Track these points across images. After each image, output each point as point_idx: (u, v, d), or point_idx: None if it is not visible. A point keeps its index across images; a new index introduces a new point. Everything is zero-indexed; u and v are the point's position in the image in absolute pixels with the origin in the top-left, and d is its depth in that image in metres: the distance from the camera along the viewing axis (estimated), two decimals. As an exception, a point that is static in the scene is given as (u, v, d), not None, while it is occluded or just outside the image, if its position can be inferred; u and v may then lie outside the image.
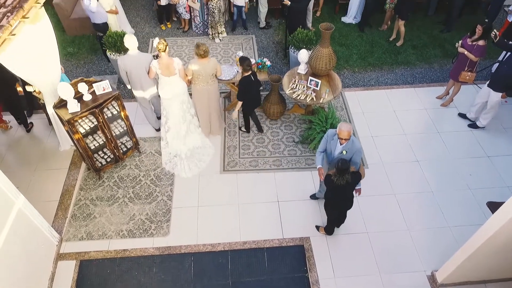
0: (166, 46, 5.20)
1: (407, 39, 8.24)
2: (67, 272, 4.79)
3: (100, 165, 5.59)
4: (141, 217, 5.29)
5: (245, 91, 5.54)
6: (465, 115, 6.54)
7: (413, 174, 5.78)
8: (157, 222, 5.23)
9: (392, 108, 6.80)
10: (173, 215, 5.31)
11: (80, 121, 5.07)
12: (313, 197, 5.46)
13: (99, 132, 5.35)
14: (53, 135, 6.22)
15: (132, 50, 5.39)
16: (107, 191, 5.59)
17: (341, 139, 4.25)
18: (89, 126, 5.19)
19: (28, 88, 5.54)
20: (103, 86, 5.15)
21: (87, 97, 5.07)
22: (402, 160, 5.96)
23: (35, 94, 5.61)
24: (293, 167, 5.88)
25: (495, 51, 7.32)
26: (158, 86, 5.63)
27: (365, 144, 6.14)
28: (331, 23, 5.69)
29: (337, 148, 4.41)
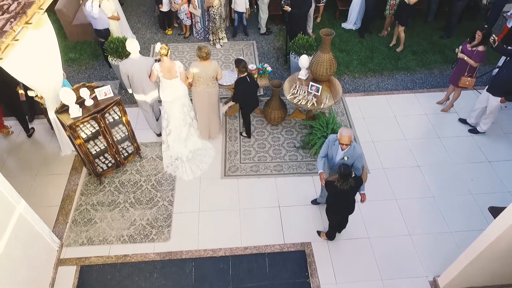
0: (168, 50, 5.27)
1: (407, 45, 8.28)
2: (68, 278, 4.77)
3: (101, 170, 5.59)
4: (142, 222, 5.28)
5: (241, 92, 5.56)
6: (466, 121, 6.55)
7: (414, 179, 5.78)
8: (158, 227, 5.22)
9: (393, 114, 6.82)
10: (174, 220, 5.30)
11: (82, 126, 5.08)
12: (314, 202, 5.46)
13: (101, 137, 5.36)
14: (54, 140, 6.23)
15: (134, 54, 5.44)
16: (108, 196, 5.58)
17: (342, 145, 4.25)
18: (91, 131, 5.20)
19: (30, 93, 5.55)
20: (105, 91, 5.17)
21: (89, 102, 5.08)
22: (403, 165, 5.96)
23: (37, 99, 5.62)
24: (294, 172, 5.88)
25: (495, 57, 7.35)
26: (160, 89, 5.68)
27: (366, 149, 6.15)
28: (332, 29, 5.73)
29: (339, 154, 4.41)
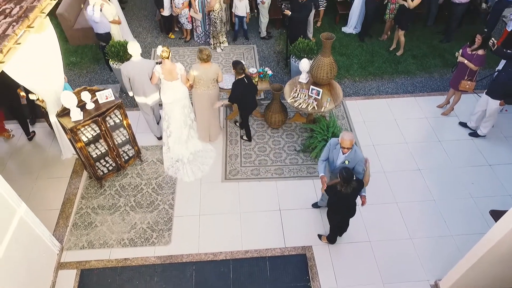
0: (169, 53, 5.34)
1: (407, 49, 8.31)
2: (68, 282, 4.75)
3: (102, 174, 5.59)
4: (143, 226, 5.27)
5: (240, 94, 5.58)
6: (466, 124, 6.56)
7: (415, 183, 5.77)
8: (159, 231, 5.21)
9: (393, 117, 6.82)
10: (175, 224, 5.29)
11: (83, 130, 5.09)
12: (315, 206, 5.45)
13: (101, 141, 5.36)
14: (55, 144, 6.23)
15: (135, 57, 5.47)
16: (109, 200, 5.58)
17: (344, 148, 4.25)
18: (92, 135, 5.20)
19: (32, 97, 5.57)
20: (106, 95, 5.18)
21: (90, 106, 5.09)
22: (404, 169, 5.96)
23: (38, 103, 5.64)
24: (295, 176, 5.87)
25: (495, 61, 7.37)
26: (160, 91, 5.72)
27: (367, 153, 6.15)
28: (332, 33, 5.76)
29: (340, 158, 4.41)
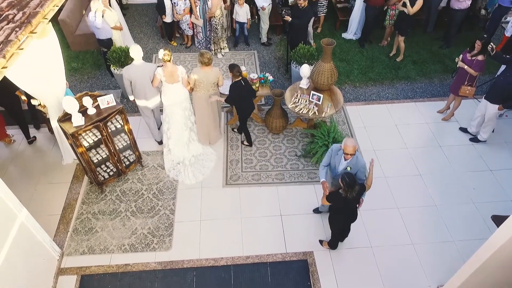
0: (171, 56, 5.39)
1: (407, 55, 8.35)
2: (68, 287, 4.72)
3: (103, 179, 5.59)
4: (143, 231, 5.25)
5: (235, 95, 5.62)
6: (466, 129, 6.57)
7: (416, 188, 5.77)
8: (159, 236, 5.20)
9: (394, 122, 6.84)
10: (176, 229, 5.28)
11: (84, 135, 5.09)
12: (316, 211, 5.44)
13: (103, 146, 5.37)
14: (56, 149, 6.24)
15: (137, 60, 5.51)
16: (109, 205, 5.57)
17: (346, 155, 4.23)
18: (93, 140, 5.21)
19: (33, 102, 5.58)
20: (107, 100, 5.20)
21: (91, 111, 5.11)
22: (405, 174, 5.96)
23: (40, 108, 5.65)
24: (296, 181, 5.87)
25: (494, 66, 7.39)
26: (161, 93, 5.77)
27: (368, 158, 6.11)
28: (332, 39, 5.79)
29: (342, 164, 4.40)
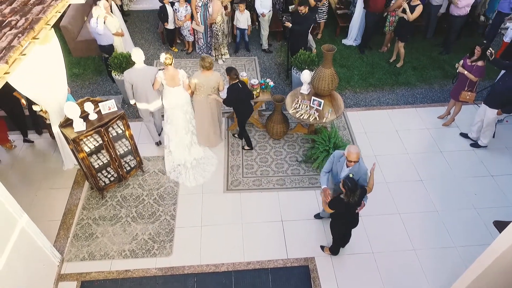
0: (172, 60, 5.45)
1: (407, 61, 8.38)
2: (68, 293, 4.71)
3: (104, 184, 5.58)
4: (144, 237, 5.24)
5: (233, 98, 5.67)
6: (467, 135, 6.57)
7: (417, 193, 5.76)
8: (160, 242, 5.18)
9: (394, 128, 6.85)
10: (176, 235, 5.26)
11: (85, 140, 5.10)
12: (317, 217, 5.42)
13: (104, 151, 5.37)
14: (57, 154, 6.24)
15: (139, 64, 5.55)
16: (110, 211, 5.56)
17: (350, 162, 4.20)
18: (94, 145, 5.21)
19: (35, 108, 5.60)
20: (109, 106, 5.21)
21: (93, 116, 5.12)
22: (406, 179, 5.95)
23: (41, 114, 5.66)
24: (297, 186, 5.86)
25: (494, 72, 7.42)
26: (162, 96, 5.81)
27: (368, 164, 6.13)
28: (333, 45, 5.82)
29: (344, 170, 4.37)
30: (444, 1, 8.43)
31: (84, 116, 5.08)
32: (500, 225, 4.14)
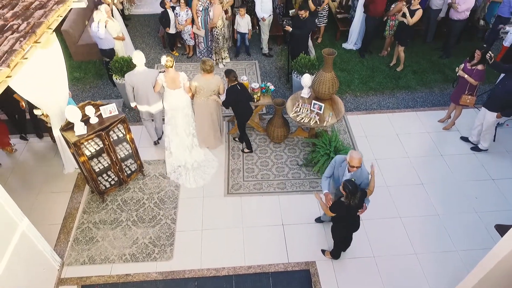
0: (173, 62, 5.50)
1: (407, 65, 8.41)
2: (68, 298, 4.69)
3: (104, 188, 5.58)
4: (144, 241, 5.22)
5: (232, 100, 5.70)
6: (467, 139, 6.58)
7: (418, 197, 5.75)
8: (161, 246, 5.16)
9: (395, 132, 6.85)
10: (177, 239, 5.25)
11: (86, 144, 5.10)
12: (318, 220, 5.41)
13: (104, 155, 5.37)
14: (57, 158, 6.23)
15: (140, 66, 5.58)
16: (111, 214, 5.55)
17: (352, 167, 4.16)
18: (95, 149, 5.21)
19: (36, 112, 5.60)
20: (110, 109, 5.22)
21: (94, 120, 5.12)
22: (407, 183, 5.95)
23: (43, 118, 5.67)
24: (298, 190, 5.86)
25: (494, 76, 7.44)
26: (163, 99, 5.84)
27: (369, 167, 6.13)
28: (333, 49, 5.84)
29: (346, 175, 4.35)
30: (444, 6, 8.46)
31: (85, 120, 5.08)
32: (502, 229, 4.13)
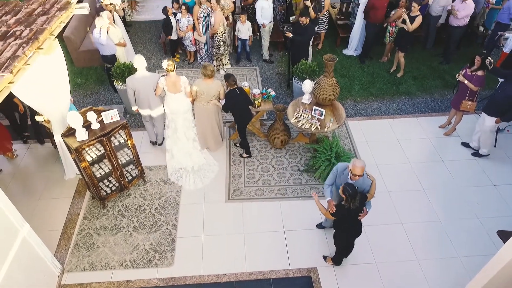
0: (174, 66, 5.57)
1: (407, 71, 8.44)
2: (68, 305, 4.67)
3: (105, 194, 5.57)
4: (145, 247, 5.20)
5: (231, 104, 5.74)
6: (468, 144, 6.58)
7: (420, 203, 5.74)
8: (161, 252, 5.14)
9: (396, 137, 6.85)
10: (178, 245, 5.23)
11: (88, 149, 5.10)
12: (320, 226, 5.39)
13: (106, 161, 5.37)
14: (58, 164, 6.23)
15: (141, 70, 5.63)
16: (111, 220, 5.53)
17: (354, 176, 4.11)
18: (96, 155, 5.21)
19: (38, 118, 5.61)
20: (111, 115, 5.23)
21: (95, 126, 5.13)
22: (408, 189, 5.94)
23: (44, 123, 5.68)
24: (299, 196, 5.85)
25: (494, 81, 7.47)
26: (164, 103, 5.89)
27: (371, 173, 6.13)
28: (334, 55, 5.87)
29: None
30: (444, 12, 8.51)
31: (87, 126, 5.09)
32: (504, 235, 4.13)
